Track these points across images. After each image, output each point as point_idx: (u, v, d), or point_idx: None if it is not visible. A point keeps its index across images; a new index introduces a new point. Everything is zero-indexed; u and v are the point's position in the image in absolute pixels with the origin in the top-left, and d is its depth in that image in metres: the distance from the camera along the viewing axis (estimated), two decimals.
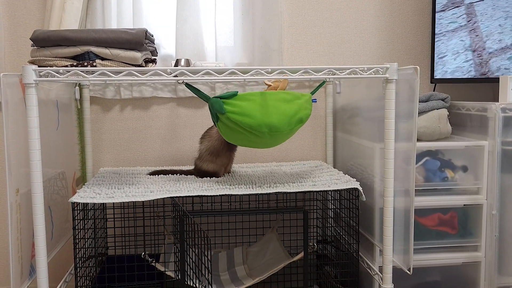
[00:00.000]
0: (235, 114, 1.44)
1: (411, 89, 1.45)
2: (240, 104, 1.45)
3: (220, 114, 1.46)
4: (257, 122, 1.44)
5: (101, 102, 2.03)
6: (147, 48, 1.48)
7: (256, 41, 2.03)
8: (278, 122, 1.46)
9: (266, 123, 1.45)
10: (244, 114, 1.44)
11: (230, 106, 1.45)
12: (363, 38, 2.12)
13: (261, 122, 1.44)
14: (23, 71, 1.29)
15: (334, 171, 1.84)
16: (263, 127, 1.45)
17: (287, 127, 1.48)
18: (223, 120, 1.48)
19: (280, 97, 1.48)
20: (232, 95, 1.46)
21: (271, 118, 1.45)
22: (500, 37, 1.93)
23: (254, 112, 1.44)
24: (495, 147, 1.70)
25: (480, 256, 1.77)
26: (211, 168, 1.74)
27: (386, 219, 1.51)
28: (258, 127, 1.45)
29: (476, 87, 2.18)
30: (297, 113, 1.50)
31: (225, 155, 1.75)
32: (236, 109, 1.45)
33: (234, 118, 1.45)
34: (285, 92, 1.51)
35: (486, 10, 1.93)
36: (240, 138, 1.53)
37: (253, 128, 1.45)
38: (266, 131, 1.46)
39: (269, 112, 1.45)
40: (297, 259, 1.65)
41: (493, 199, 1.72)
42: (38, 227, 1.34)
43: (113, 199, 1.46)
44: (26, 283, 1.42)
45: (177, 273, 1.53)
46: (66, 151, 1.82)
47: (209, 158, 1.74)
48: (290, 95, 1.51)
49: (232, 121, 1.46)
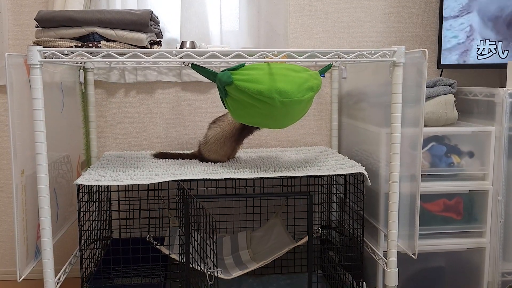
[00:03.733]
0: (243, 82, 1.40)
1: (418, 73, 1.43)
2: (248, 72, 1.41)
3: (228, 85, 1.42)
4: (266, 87, 1.39)
5: (105, 86, 2.02)
6: (152, 29, 1.47)
7: (262, 26, 2.01)
8: (287, 87, 1.40)
9: (276, 89, 1.39)
10: (252, 80, 1.40)
11: (238, 75, 1.41)
12: (369, 23, 2.10)
13: (271, 87, 1.39)
14: (28, 52, 1.28)
15: (339, 156, 1.83)
16: (273, 92, 1.39)
17: (297, 93, 1.42)
18: (231, 92, 1.45)
19: (288, 67, 1.45)
20: (240, 66, 1.44)
21: (280, 84, 1.39)
22: None
23: (262, 78, 1.40)
24: (502, 132, 1.68)
25: (485, 242, 1.76)
26: (213, 158, 1.74)
27: (392, 204, 1.51)
28: (268, 93, 1.39)
29: (484, 73, 2.16)
30: (307, 81, 1.45)
31: (231, 146, 1.74)
32: (245, 77, 1.41)
33: (243, 85, 1.40)
34: (292, 64, 1.49)
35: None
36: (250, 113, 1.47)
37: (263, 94, 1.39)
38: (277, 97, 1.39)
39: (277, 79, 1.40)
40: (301, 244, 1.65)
41: (499, 185, 1.71)
42: (43, 208, 1.34)
43: (118, 182, 1.46)
44: (31, 264, 1.43)
45: (182, 256, 1.54)
46: (71, 135, 1.82)
47: (213, 147, 1.72)
48: (298, 67, 1.48)
49: (241, 90, 1.41)
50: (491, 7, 1.91)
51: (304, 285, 1.90)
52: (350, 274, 1.73)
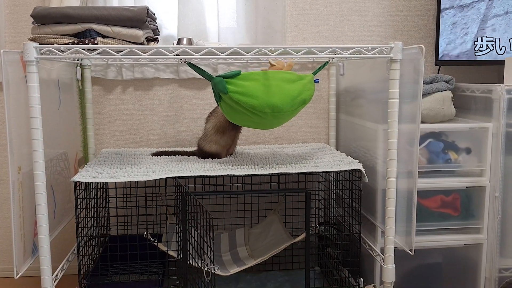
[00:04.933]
0: (238, 94, 1.43)
1: (415, 69, 1.43)
2: (243, 84, 1.43)
3: (223, 94, 1.45)
4: (259, 102, 1.43)
5: (102, 82, 2.02)
6: (149, 26, 1.46)
7: (259, 22, 2.01)
8: (281, 103, 1.44)
9: (269, 104, 1.43)
10: (247, 94, 1.43)
11: (233, 86, 1.43)
12: (367, 19, 2.10)
13: (264, 103, 1.43)
14: (24, 49, 1.28)
15: (336, 153, 1.83)
16: (266, 107, 1.43)
17: (290, 107, 1.47)
18: (225, 100, 1.47)
19: (283, 77, 1.46)
20: (235, 75, 1.44)
21: (274, 99, 1.43)
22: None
23: (257, 92, 1.43)
24: (500, 129, 1.69)
25: (482, 238, 1.77)
26: (214, 149, 1.73)
27: (389, 200, 1.51)
28: (261, 108, 1.43)
29: (481, 70, 2.16)
30: (301, 94, 1.48)
31: (230, 135, 1.74)
32: (239, 89, 1.43)
33: (237, 98, 1.43)
34: (288, 72, 1.50)
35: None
36: (242, 118, 1.52)
37: (255, 109, 1.44)
38: (269, 112, 1.45)
39: (272, 93, 1.43)
40: (299, 240, 1.65)
41: (496, 181, 1.71)
42: (40, 205, 1.34)
43: (115, 179, 1.46)
44: (29, 261, 1.43)
45: (179, 253, 1.54)
46: (68, 132, 1.81)
47: (213, 138, 1.72)
48: (294, 75, 1.49)
49: (235, 101, 1.44)
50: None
51: (302, 282, 1.90)
52: (347, 271, 1.73)
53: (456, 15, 1.92)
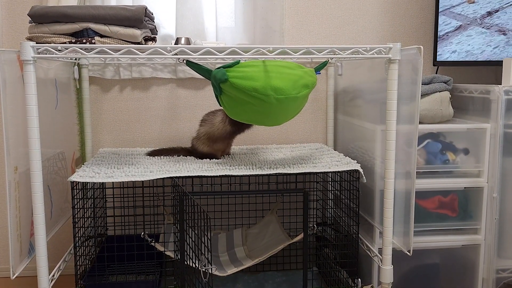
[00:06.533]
0: (238, 79, 1.39)
1: (414, 70, 1.43)
2: (243, 70, 1.40)
3: (223, 82, 1.41)
4: (261, 84, 1.38)
5: (100, 82, 2.01)
6: (147, 25, 1.46)
7: (258, 22, 2.01)
8: (282, 85, 1.39)
9: (271, 85, 1.38)
10: (247, 78, 1.39)
11: (233, 73, 1.40)
12: (365, 20, 2.09)
13: (266, 84, 1.38)
14: (21, 48, 1.28)
15: (334, 153, 1.83)
16: (268, 89, 1.38)
17: (292, 90, 1.41)
18: (226, 89, 1.44)
19: (282, 64, 1.44)
20: (235, 63, 1.43)
21: (275, 81, 1.39)
22: None
23: (257, 75, 1.39)
24: (497, 130, 1.69)
25: (479, 239, 1.77)
26: (206, 151, 1.73)
27: (387, 201, 1.51)
28: (263, 90, 1.38)
29: (479, 70, 2.16)
30: (302, 78, 1.44)
31: (223, 143, 1.74)
32: (240, 74, 1.40)
33: (238, 83, 1.39)
34: (287, 62, 1.48)
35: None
36: (245, 110, 1.46)
37: (258, 91, 1.38)
38: (272, 94, 1.38)
39: (272, 76, 1.39)
40: (297, 241, 1.65)
41: (494, 182, 1.71)
42: (37, 205, 1.33)
43: (112, 179, 1.46)
44: (25, 261, 1.42)
45: (177, 253, 1.53)
46: (65, 131, 1.81)
47: (206, 141, 1.73)
48: (293, 64, 1.47)
49: (236, 88, 1.40)
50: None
51: (299, 282, 1.90)
52: (345, 271, 1.73)
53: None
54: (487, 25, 1.87)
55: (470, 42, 1.91)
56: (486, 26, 1.87)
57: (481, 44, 1.91)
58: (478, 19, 1.89)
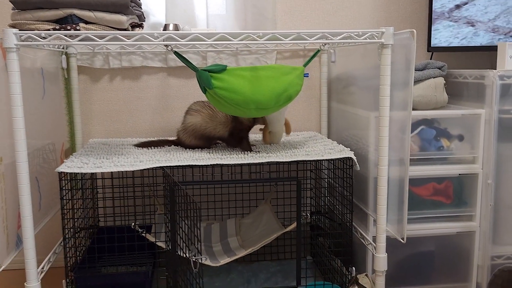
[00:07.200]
0: (222, 90, 1.43)
1: (407, 55, 1.40)
2: (229, 80, 1.43)
3: (208, 89, 1.44)
4: (244, 99, 1.43)
5: (89, 71, 1.97)
6: (134, 12, 1.42)
7: (249, 9, 1.97)
8: (265, 100, 1.45)
9: (254, 100, 1.44)
10: (232, 90, 1.42)
11: (218, 81, 1.43)
12: (359, 6, 2.06)
13: (249, 99, 1.43)
14: (3, 35, 1.24)
15: (328, 141, 1.81)
16: (250, 104, 1.44)
17: (274, 104, 1.48)
18: (210, 93, 1.46)
19: (270, 74, 1.45)
20: (221, 70, 1.42)
21: (259, 96, 1.44)
22: None
23: (242, 88, 1.43)
24: (492, 115, 1.66)
25: (474, 226, 1.75)
26: (194, 144, 1.70)
27: (380, 188, 1.49)
28: (245, 104, 1.44)
29: (474, 55, 2.14)
30: (287, 90, 1.48)
31: (208, 142, 1.72)
32: (224, 84, 1.42)
33: (222, 94, 1.43)
34: (277, 67, 1.49)
35: None
36: (227, 109, 1.52)
37: (239, 105, 1.44)
38: (253, 108, 1.46)
39: (257, 90, 1.44)
40: (290, 230, 1.63)
41: (489, 169, 1.70)
42: (23, 196, 1.31)
43: (101, 169, 1.43)
44: (12, 254, 1.40)
45: (168, 244, 1.51)
46: (54, 122, 1.77)
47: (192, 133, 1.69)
48: (282, 70, 1.48)
49: (219, 96, 1.44)
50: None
51: (293, 271, 1.88)
52: (339, 260, 1.71)
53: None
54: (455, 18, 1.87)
55: (437, 36, 1.90)
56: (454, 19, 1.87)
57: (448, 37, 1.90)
58: (446, 12, 1.88)
